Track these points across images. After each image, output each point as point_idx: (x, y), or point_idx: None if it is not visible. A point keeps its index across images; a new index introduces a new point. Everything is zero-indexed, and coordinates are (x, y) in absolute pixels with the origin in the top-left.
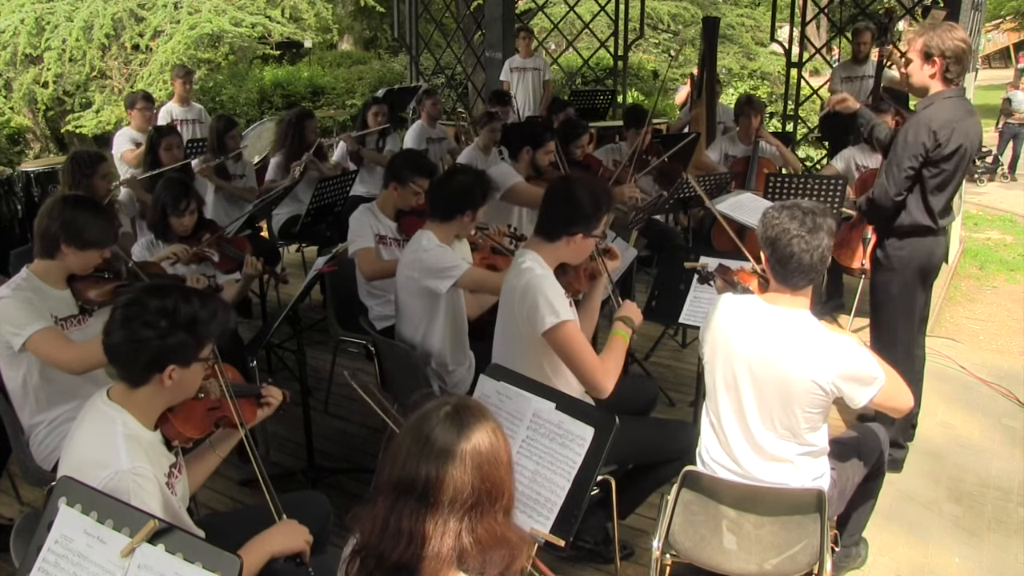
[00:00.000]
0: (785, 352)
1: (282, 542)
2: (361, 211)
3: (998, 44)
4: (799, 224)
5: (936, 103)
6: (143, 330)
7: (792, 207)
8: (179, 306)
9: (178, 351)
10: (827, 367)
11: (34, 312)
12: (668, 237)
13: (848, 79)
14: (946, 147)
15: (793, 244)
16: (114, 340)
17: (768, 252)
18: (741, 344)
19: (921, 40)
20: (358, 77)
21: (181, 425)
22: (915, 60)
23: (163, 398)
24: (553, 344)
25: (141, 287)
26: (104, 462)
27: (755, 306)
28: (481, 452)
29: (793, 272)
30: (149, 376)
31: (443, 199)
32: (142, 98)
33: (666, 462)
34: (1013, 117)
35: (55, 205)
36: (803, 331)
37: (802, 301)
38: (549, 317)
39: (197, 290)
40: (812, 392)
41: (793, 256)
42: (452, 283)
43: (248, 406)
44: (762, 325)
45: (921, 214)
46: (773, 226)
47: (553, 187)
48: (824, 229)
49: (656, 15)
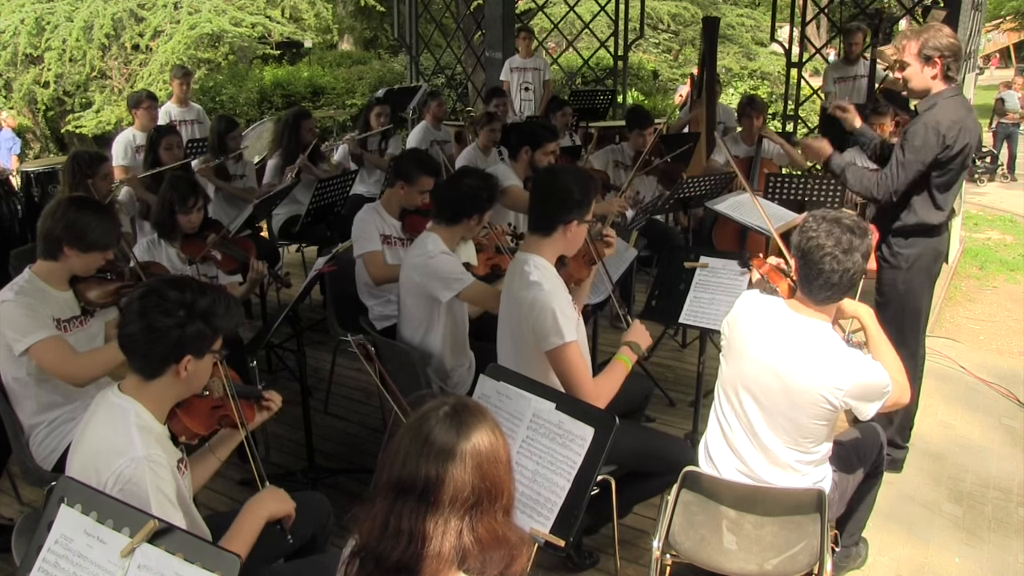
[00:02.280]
0: (798, 362)
1: (273, 506)
2: (366, 211)
3: (998, 44)
4: (835, 243)
5: (939, 104)
6: (162, 319)
7: (832, 222)
8: (197, 298)
9: (196, 341)
10: (839, 383)
11: (37, 320)
12: (668, 237)
13: (841, 79)
14: (954, 148)
15: (825, 262)
16: (131, 330)
17: (799, 262)
18: (756, 346)
19: (917, 43)
20: (358, 77)
21: (188, 421)
22: (913, 64)
23: (175, 390)
24: (552, 362)
25: (158, 280)
26: (120, 450)
27: (777, 310)
28: (480, 451)
29: (820, 288)
30: (165, 367)
31: (450, 202)
32: (146, 97)
33: (660, 474)
34: (1006, 117)
35: (58, 207)
36: (820, 344)
37: (825, 313)
38: (554, 338)
39: (211, 284)
40: (819, 405)
41: (822, 274)
42: (454, 295)
43: (248, 407)
44: (780, 331)
45: (928, 213)
46: (809, 238)
47: (539, 181)
48: (860, 251)
49: (656, 15)
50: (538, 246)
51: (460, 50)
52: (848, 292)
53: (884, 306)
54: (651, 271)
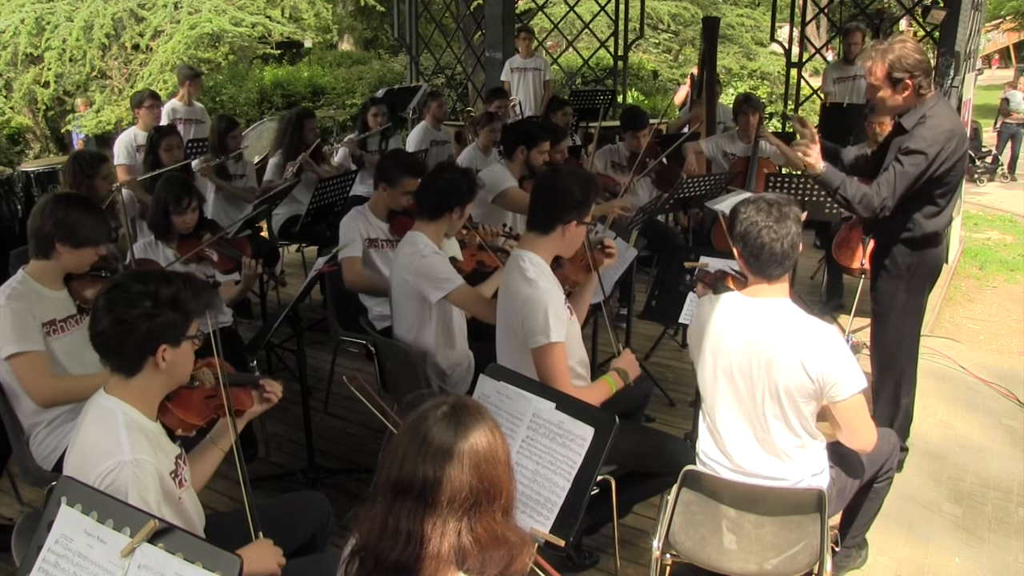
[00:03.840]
0: (771, 339)
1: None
2: (352, 215)
3: (998, 44)
4: (766, 215)
5: (928, 119)
6: (129, 311)
7: (757, 200)
8: (160, 286)
9: (167, 329)
10: (812, 349)
11: (24, 330)
12: (668, 237)
13: (840, 79)
14: (953, 158)
15: (763, 235)
16: (102, 326)
17: (740, 247)
18: (728, 340)
19: (883, 67)
20: (358, 77)
21: (181, 413)
22: (882, 88)
23: (159, 383)
24: (536, 360)
25: (122, 275)
26: (109, 451)
27: (736, 301)
28: (479, 451)
29: (767, 262)
30: (142, 361)
31: (430, 197)
32: (149, 96)
33: (660, 475)
34: (1011, 117)
35: (47, 204)
36: (786, 317)
37: (781, 290)
38: (541, 336)
39: (178, 273)
40: (799, 376)
41: (764, 247)
42: (443, 295)
43: (245, 394)
44: (746, 318)
45: (931, 222)
46: (741, 221)
47: (541, 179)
48: (791, 217)
49: (656, 15)
50: (535, 244)
51: (460, 50)
52: (793, 260)
53: (883, 316)
54: (651, 271)
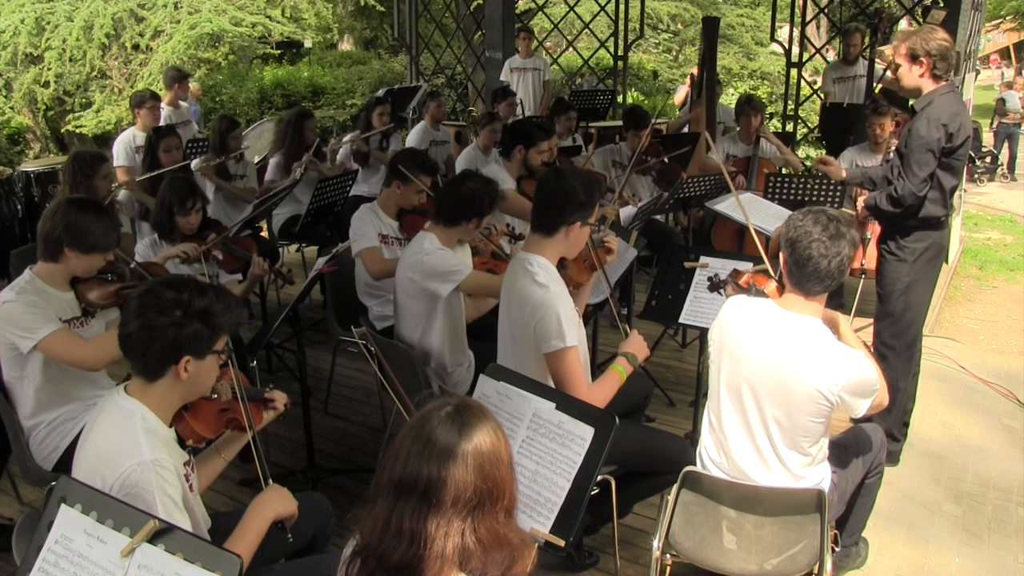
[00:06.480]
0: (792, 359)
1: (278, 507)
2: (363, 211)
3: (998, 44)
4: (822, 229)
5: (936, 100)
6: (158, 318)
7: (818, 212)
8: (193, 298)
9: (193, 341)
10: (834, 378)
11: (42, 315)
12: (668, 237)
13: (840, 80)
14: (957, 139)
15: (813, 248)
16: (130, 329)
17: (787, 253)
18: (749, 347)
19: (905, 45)
20: (358, 77)
21: (196, 424)
22: (903, 64)
23: (179, 392)
24: (551, 365)
25: (157, 281)
26: (127, 452)
27: (767, 310)
28: (483, 452)
29: (809, 276)
30: (164, 368)
31: (449, 203)
32: (150, 96)
33: (660, 474)
34: (1007, 117)
35: (58, 208)
36: (812, 340)
37: (815, 308)
38: (556, 340)
39: (211, 284)
40: (816, 401)
41: (811, 260)
42: (454, 287)
43: (255, 409)
44: (772, 330)
45: (935, 206)
46: (796, 227)
47: (544, 180)
48: (846, 238)
49: (656, 15)
50: (540, 246)
51: (460, 50)
52: (837, 283)
53: (886, 298)
54: (651, 271)
